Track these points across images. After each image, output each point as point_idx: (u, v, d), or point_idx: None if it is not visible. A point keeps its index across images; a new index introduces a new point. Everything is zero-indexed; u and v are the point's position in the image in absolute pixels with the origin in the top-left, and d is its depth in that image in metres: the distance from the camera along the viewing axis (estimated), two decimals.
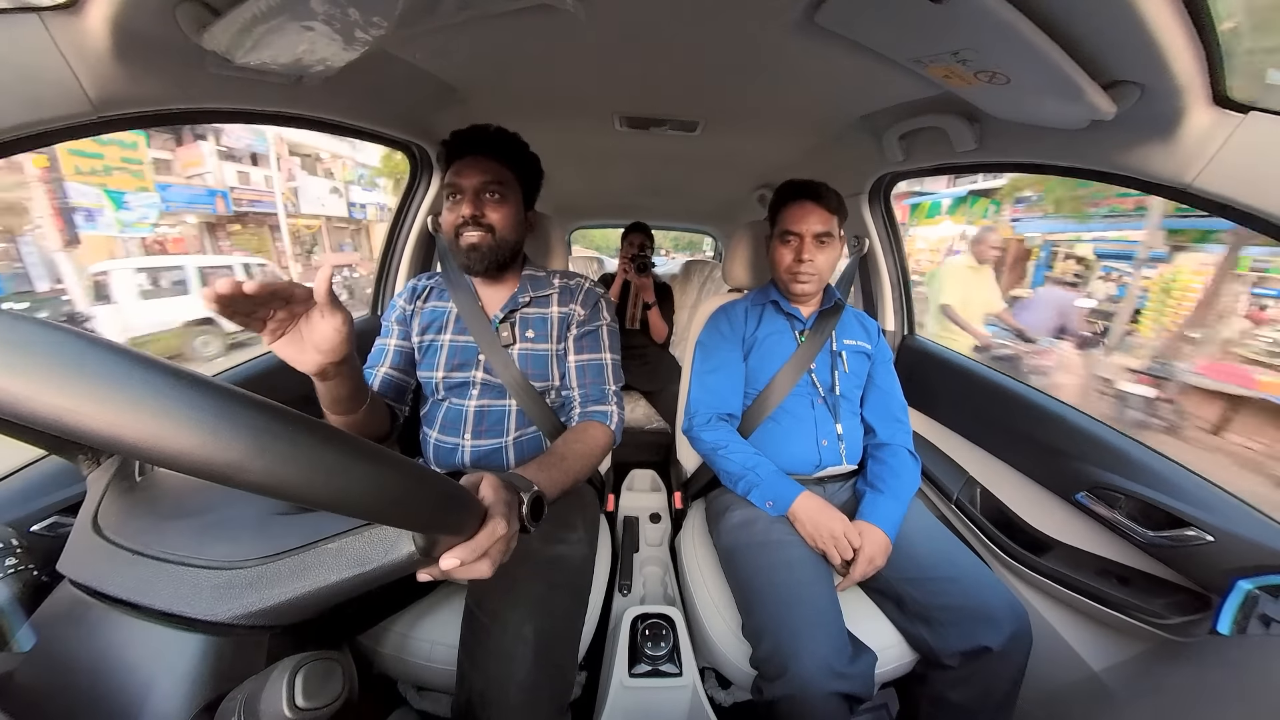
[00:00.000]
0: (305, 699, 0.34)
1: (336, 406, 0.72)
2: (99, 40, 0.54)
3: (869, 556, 0.87)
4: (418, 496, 0.36)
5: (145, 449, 0.25)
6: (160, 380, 0.26)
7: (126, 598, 0.41)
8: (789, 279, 1.08)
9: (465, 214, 0.85)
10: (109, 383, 0.25)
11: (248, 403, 0.28)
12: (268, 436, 0.28)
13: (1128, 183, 0.78)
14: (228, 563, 0.41)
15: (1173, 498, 0.78)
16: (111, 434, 0.25)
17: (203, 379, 0.28)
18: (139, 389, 0.25)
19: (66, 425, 0.24)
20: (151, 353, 0.28)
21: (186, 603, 0.40)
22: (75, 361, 0.25)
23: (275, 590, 0.40)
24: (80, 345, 0.25)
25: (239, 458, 0.27)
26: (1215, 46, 0.56)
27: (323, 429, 0.31)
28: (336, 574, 0.40)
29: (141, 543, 0.43)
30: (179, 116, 0.73)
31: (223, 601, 0.40)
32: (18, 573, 0.48)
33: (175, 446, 0.25)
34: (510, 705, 0.66)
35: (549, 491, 0.63)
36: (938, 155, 1.14)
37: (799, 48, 0.83)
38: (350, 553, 0.41)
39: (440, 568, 0.43)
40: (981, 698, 0.81)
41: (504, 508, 0.49)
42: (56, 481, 0.67)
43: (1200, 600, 0.76)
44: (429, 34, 0.82)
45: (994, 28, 0.59)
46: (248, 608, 0.40)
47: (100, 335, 0.28)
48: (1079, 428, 0.95)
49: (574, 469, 0.77)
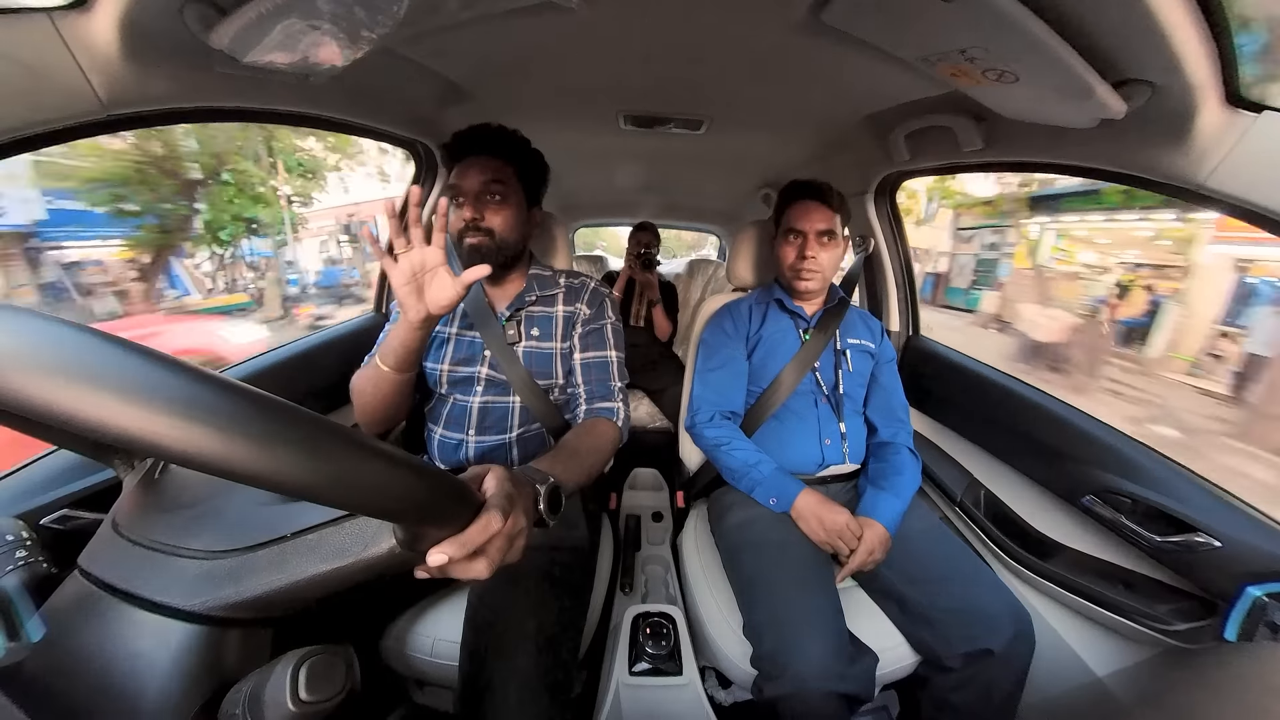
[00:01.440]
0: (309, 692, 0.35)
1: (402, 362, 0.78)
2: (108, 39, 0.55)
3: (869, 548, 0.87)
4: (388, 480, 0.32)
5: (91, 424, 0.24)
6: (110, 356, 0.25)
7: (123, 587, 0.41)
8: (793, 276, 1.08)
9: (466, 218, 0.86)
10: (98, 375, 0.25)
11: (200, 378, 0.26)
12: (224, 411, 0.26)
13: (1138, 183, 0.77)
14: (209, 552, 0.41)
15: (1180, 502, 0.77)
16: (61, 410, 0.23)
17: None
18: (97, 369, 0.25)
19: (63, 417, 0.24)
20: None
21: (167, 592, 0.40)
22: (73, 352, 0.25)
23: (253, 581, 0.40)
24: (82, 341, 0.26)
25: (187, 435, 0.25)
26: (1228, 45, 0.55)
27: (290, 410, 0.29)
28: (314, 566, 0.40)
29: (141, 533, 0.44)
30: (187, 115, 0.73)
31: (201, 591, 0.40)
32: (28, 565, 0.49)
33: (125, 426, 0.24)
34: (511, 702, 0.67)
35: (566, 484, 0.60)
36: (944, 155, 1.13)
37: (805, 46, 0.83)
38: (329, 544, 0.40)
39: (427, 563, 0.39)
40: (983, 700, 0.80)
41: (504, 501, 0.44)
42: (66, 475, 0.68)
43: (1206, 606, 0.75)
44: (435, 33, 0.83)
45: (1003, 26, 0.59)
46: (226, 599, 0.39)
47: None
48: (1085, 431, 0.94)
49: (587, 463, 0.76)
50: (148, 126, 0.68)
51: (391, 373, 0.78)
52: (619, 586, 1.14)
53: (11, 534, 0.51)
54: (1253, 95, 0.59)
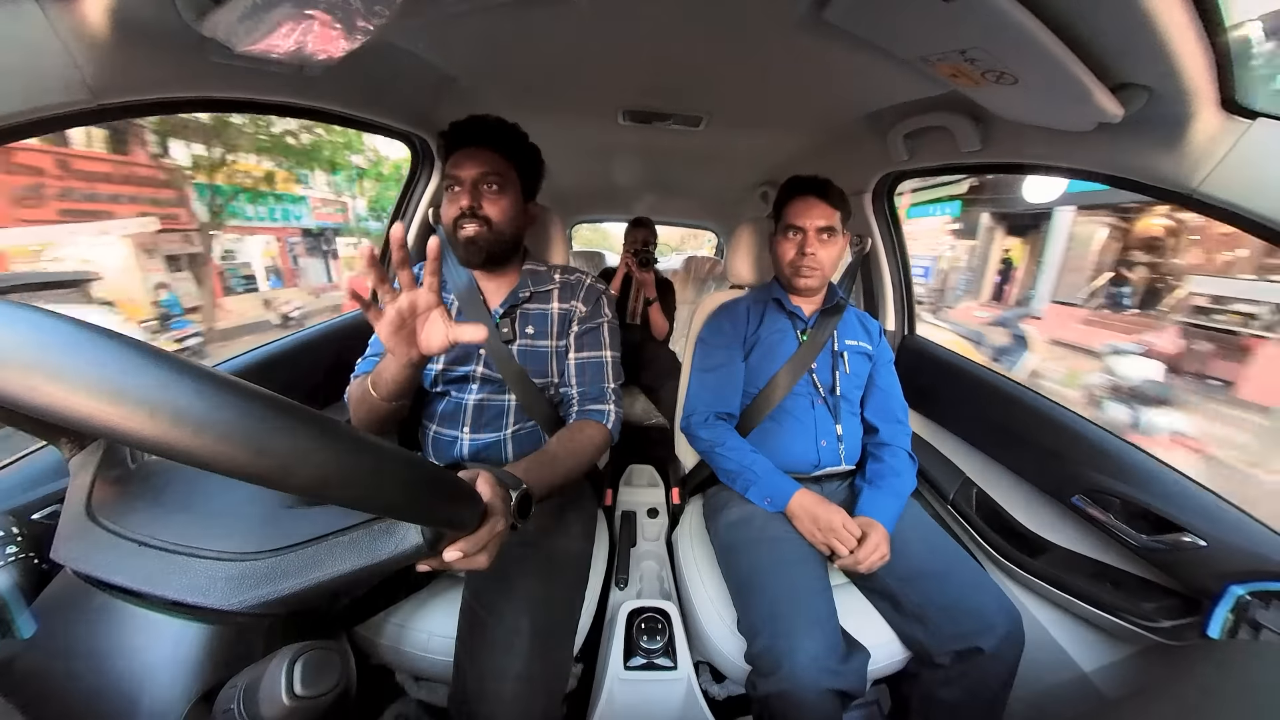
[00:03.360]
0: (303, 687, 0.35)
1: (392, 395, 0.74)
2: (98, 27, 0.54)
3: (875, 544, 0.87)
4: (432, 493, 0.40)
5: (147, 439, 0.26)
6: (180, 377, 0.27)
7: (134, 587, 0.41)
8: (792, 273, 1.08)
9: (463, 205, 0.85)
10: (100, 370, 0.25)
11: (280, 407, 0.30)
12: (304, 441, 0.30)
13: (1133, 186, 0.78)
14: (240, 554, 0.43)
15: (1168, 502, 0.79)
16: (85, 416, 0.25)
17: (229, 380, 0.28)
18: (137, 375, 0.26)
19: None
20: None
21: (201, 593, 0.41)
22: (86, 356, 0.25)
23: (290, 581, 0.42)
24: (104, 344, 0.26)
25: (283, 463, 0.29)
26: (1225, 51, 0.55)
27: (348, 432, 0.33)
28: (349, 564, 0.43)
29: (147, 533, 0.43)
30: (180, 105, 0.72)
31: (238, 592, 0.41)
32: (18, 561, 0.49)
33: (220, 453, 0.27)
34: (506, 696, 0.67)
35: (537, 490, 0.63)
36: (942, 155, 1.13)
37: (806, 44, 0.82)
38: (363, 545, 0.43)
39: (444, 559, 0.46)
40: (972, 696, 0.82)
41: (500, 504, 0.52)
42: (57, 470, 0.67)
43: (1191, 604, 0.77)
44: (431, 24, 0.82)
45: (1003, 27, 0.59)
46: (263, 597, 0.41)
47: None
48: (1076, 431, 0.95)
49: (565, 467, 0.77)
50: (139, 116, 0.67)
51: (382, 402, 0.75)
52: (614, 582, 1.15)
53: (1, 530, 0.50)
54: (1247, 101, 0.59)
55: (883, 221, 1.48)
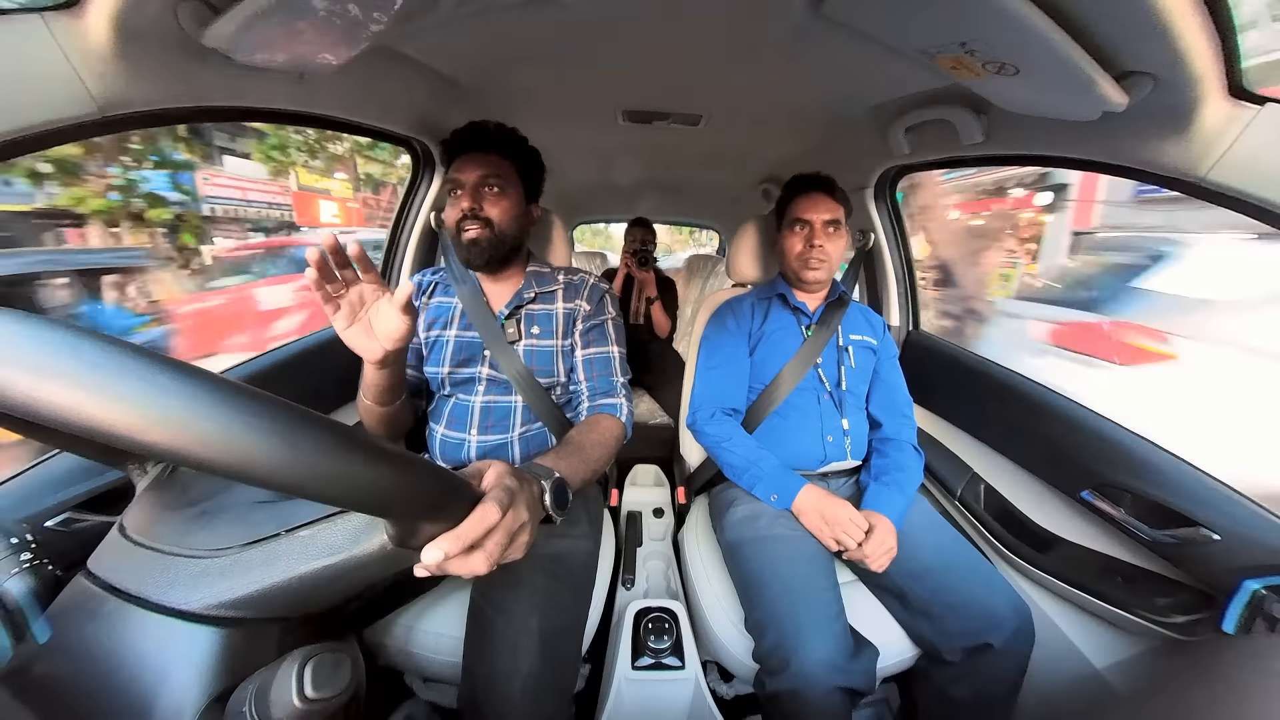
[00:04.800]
0: (314, 689, 0.35)
1: (381, 397, 0.76)
2: (101, 40, 0.55)
3: (886, 545, 0.87)
4: (370, 473, 0.30)
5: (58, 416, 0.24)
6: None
7: (128, 589, 0.42)
8: (800, 266, 1.08)
9: (465, 207, 0.86)
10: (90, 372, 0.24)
11: (186, 372, 0.26)
12: (203, 404, 0.25)
13: (1140, 175, 0.77)
14: (206, 551, 0.41)
15: (1180, 496, 0.77)
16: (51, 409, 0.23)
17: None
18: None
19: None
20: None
21: (165, 592, 0.40)
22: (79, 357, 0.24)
23: (246, 579, 0.40)
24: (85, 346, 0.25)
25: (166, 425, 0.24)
26: (1231, 37, 0.55)
27: (274, 401, 0.28)
28: (306, 563, 0.39)
29: (146, 534, 0.44)
30: (183, 115, 0.73)
31: (196, 590, 0.40)
32: (33, 567, 0.49)
33: (100, 418, 0.24)
34: (515, 697, 0.67)
35: (571, 479, 0.60)
36: (945, 148, 1.12)
37: (805, 39, 0.82)
38: (320, 541, 0.40)
39: (422, 559, 0.38)
40: (982, 694, 0.81)
41: (502, 494, 0.42)
42: (69, 477, 0.68)
43: (1205, 599, 0.76)
44: (431, 29, 0.82)
45: (1004, 18, 0.58)
46: (219, 596, 0.40)
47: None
48: (1086, 425, 0.94)
49: (593, 458, 0.76)
50: (144, 127, 0.68)
51: (376, 406, 0.77)
52: (620, 582, 1.15)
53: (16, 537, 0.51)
54: (1255, 88, 0.58)
55: (885, 217, 1.47)
